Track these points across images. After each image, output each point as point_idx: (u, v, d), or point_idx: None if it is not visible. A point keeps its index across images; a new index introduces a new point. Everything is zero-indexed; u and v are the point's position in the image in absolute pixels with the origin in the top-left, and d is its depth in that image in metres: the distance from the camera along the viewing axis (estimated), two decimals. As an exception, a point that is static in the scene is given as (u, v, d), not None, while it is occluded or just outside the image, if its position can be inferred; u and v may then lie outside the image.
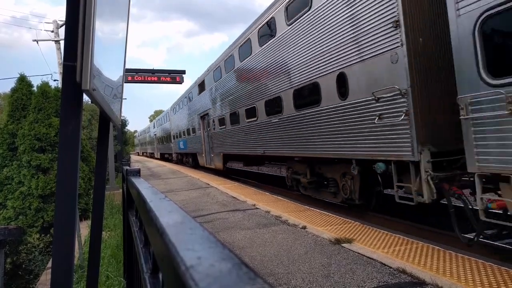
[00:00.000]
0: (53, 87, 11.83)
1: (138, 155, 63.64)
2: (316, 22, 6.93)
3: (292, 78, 8.08)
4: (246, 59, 10.78)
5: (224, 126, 13.55)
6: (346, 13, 6.00)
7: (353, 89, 5.95)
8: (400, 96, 4.88)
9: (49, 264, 7.03)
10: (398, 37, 4.87)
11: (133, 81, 18.87)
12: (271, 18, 8.85)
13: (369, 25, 5.46)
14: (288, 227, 5.33)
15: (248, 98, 10.83)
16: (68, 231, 1.04)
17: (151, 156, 45.83)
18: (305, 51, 7.43)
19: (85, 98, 1.11)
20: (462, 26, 4.01)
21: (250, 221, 5.89)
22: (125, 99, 27.45)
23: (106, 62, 1.42)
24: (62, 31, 17.14)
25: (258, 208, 6.95)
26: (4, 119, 11.23)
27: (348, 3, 5.94)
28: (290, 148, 8.37)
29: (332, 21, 6.44)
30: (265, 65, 9.40)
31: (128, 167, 2.54)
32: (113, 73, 1.75)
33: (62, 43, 16.95)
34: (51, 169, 10.04)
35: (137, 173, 2.26)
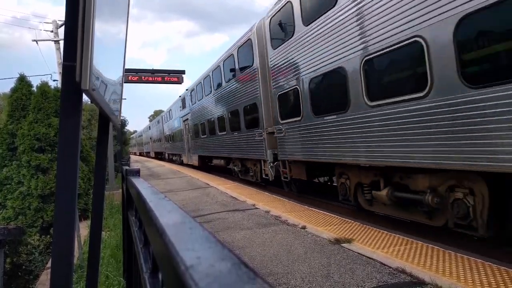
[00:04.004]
0: (52, 87, 11.84)
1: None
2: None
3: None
4: (154, 128, 39.57)
5: (155, 143, 38.37)
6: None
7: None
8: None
9: (49, 264, 7.03)
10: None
11: (133, 81, 18.88)
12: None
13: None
14: (288, 227, 5.33)
15: (157, 137, 37.24)
16: (68, 231, 1.04)
17: (135, 154, 71.51)
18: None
19: (85, 98, 1.10)
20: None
21: (250, 221, 5.89)
22: (125, 99, 32.98)
23: (106, 62, 1.41)
24: (61, 31, 17.14)
25: (257, 208, 6.95)
26: (4, 119, 11.23)
27: None
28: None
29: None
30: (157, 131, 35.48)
31: (127, 167, 2.54)
32: (113, 73, 1.75)
33: (61, 43, 16.95)
34: (50, 169, 10.03)
35: (137, 173, 2.27)
